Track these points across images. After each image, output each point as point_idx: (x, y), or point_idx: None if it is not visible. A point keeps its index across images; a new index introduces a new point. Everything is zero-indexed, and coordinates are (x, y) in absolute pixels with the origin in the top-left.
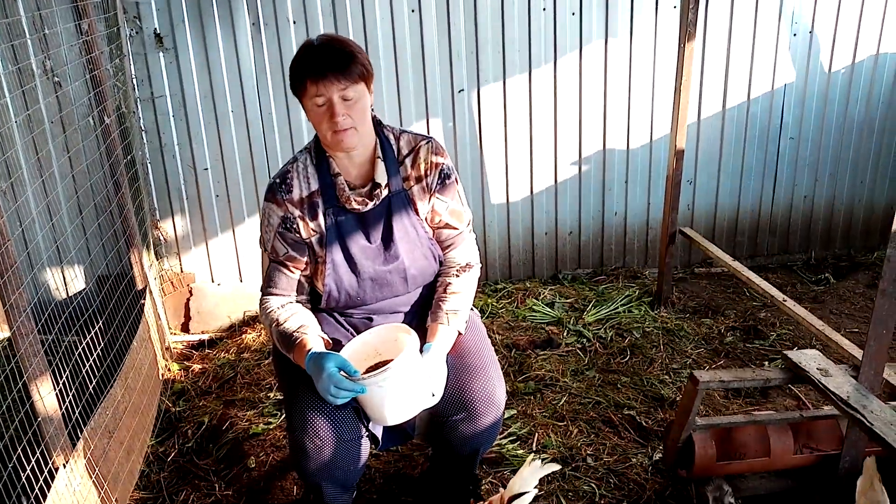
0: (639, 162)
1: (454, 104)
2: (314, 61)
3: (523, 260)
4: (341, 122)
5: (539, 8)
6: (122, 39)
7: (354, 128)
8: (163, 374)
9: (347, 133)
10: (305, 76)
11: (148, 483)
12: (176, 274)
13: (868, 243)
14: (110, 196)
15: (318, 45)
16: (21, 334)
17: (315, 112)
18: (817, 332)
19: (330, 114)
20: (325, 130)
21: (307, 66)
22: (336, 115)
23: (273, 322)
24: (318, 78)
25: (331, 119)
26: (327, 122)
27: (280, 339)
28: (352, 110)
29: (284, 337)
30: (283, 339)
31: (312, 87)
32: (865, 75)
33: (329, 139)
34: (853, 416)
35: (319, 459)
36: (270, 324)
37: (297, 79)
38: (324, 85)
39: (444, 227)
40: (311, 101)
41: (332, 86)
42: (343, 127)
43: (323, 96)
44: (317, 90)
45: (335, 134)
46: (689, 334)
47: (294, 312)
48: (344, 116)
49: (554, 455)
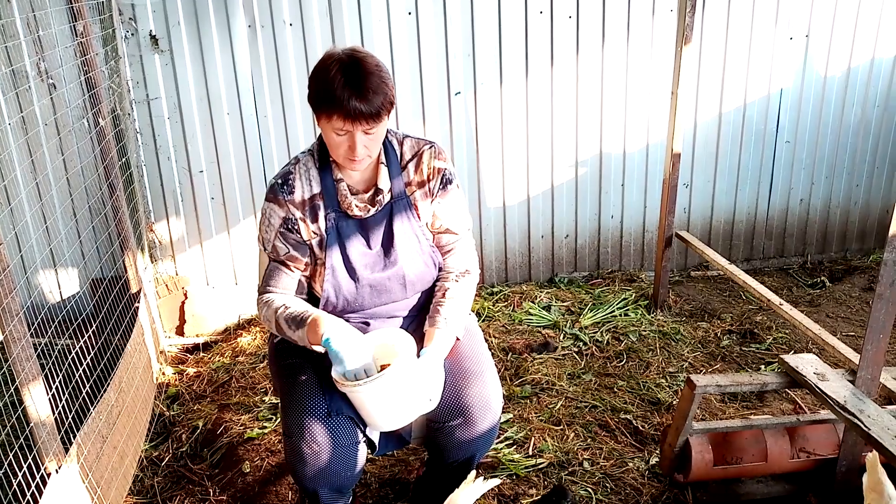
0: (635, 165)
1: (451, 107)
2: (347, 96)
3: (520, 263)
4: (360, 154)
5: (536, 11)
6: (118, 41)
7: (369, 156)
8: (157, 378)
9: (362, 161)
10: (335, 109)
11: (141, 488)
12: (171, 277)
13: (864, 246)
14: (105, 199)
15: (350, 73)
16: (13, 339)
17: (333, 137)
18: (814, 336)
19: (350, 145)
20: (340, 155)
21: (339, 99)
22: (356, 149)
23: (277, 308)
24: (349, 118)
25: (350, 150)
26: (345, 151)
27: (287, 321)
28: (371, 143)
29: (292, 319)
30: (292, 321)
31: (339, 122)
32: (861, 79)
33: (341, 161)
34: (850, 421)
35: (316, 465)
36: (275, 311)
37: (324, 105)
38: (352, 123)
39: (445, 231)
40: (331, 128)
41: (359, 125)
42: (360, 158)
43: (347, 131)
44: (343, 125)
45: (350, 161)
46: (685, 338)
47: (299, 301)
48: (363, 149)
49: (550, 459)
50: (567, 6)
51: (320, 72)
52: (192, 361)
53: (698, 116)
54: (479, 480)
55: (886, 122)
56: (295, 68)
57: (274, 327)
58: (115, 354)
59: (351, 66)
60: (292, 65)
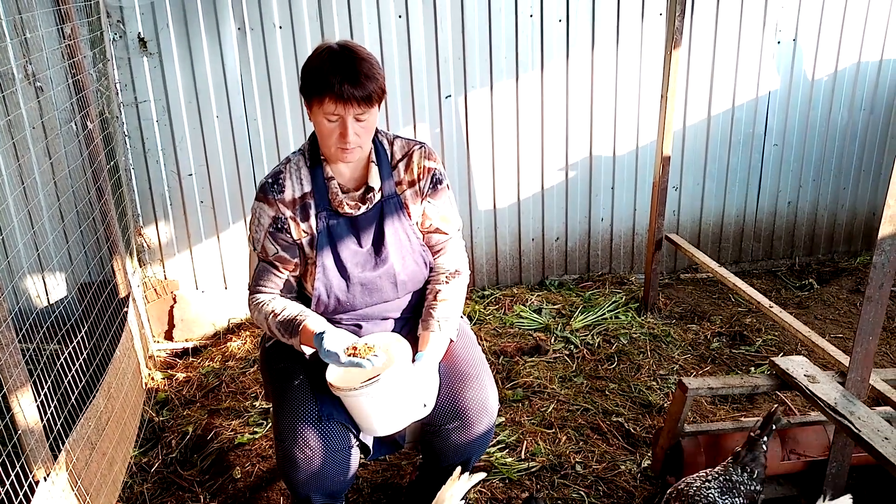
0: (625, 168)
1: (441, 110)
2: (339, 79)
3: (510, 266)
4: (352, 142)
5: (526, 14)
6: (106, 44)
7: (360, 146)
8: (146, 383)
9: (353, 151)
10: (327, 92)
11: (131, 495)
12: (160, 281)
13: (851, 248)
14: (93, 202)
15: (342, 59)
16: (0, 345)
17: (324, 125)
18: (803, 338)
19: (341, 132)
20: (332, 144)
21: (330, 82)
22: (347, 135)
23: (269, 314)
24: (340, 100)
25: (341, 137)
26: (336, 138)
27: (281, 327)
28: (362, 130)
29: (285, 324)
30: (285, 327)
31: (331, 105)
32: (848, 82)
33: (333, 152)
34: (841, 423)
35: (309, 470)
36: (266, 316)
37: (316, 89)
38: (343, 106)
39: (435, 231)
40: (322, 113)
41: (351, 108)
42: (351, 146)
43: (339, 116)
44: (335, 108)
45: (342, 150)
46: (675, 340)
47: (288, 303)
48: (354, 136)
49: (543, 463)
50: (557, 10)
51: (313, 60)
52: (182, 366)
53: (687, 119)
54: (465, 476)
55: (872, 125)
56: (284, 71)
57: (266, 330)
58: (104, 360)
59: (343, 53)
60: (282, 68)
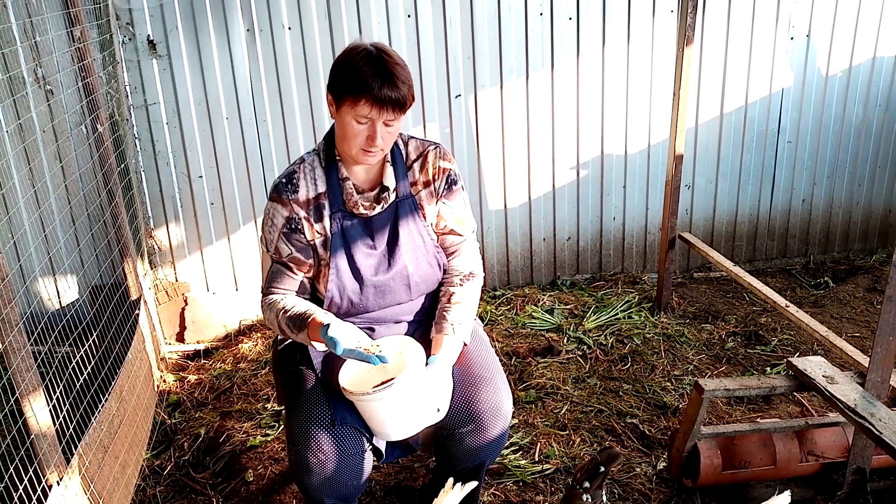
0: (637, 167)
1: (451, 109)
2: (379, 83)
3: (521, 266)
4: (378, 146)
5: (536, 13)
6: (115, 46)
7: (384, 149)
8: (158, 385)
9: (376, 154)
10: (364, 93)
11: (143, 498)
12: (171, 283)
13: (867, 246)
14: (104, 205)
15: (381, 63)
16: (13, 349)
17: (352, 126)
18: (820, 337)
19: (370, 135)
20: (355, 146)
21: (370, 84)
22: (375, 138)
23: (279, 311)
24: (377, 103)
25: (369, 140)
26: (362, 140)
27: (290, 323)
28: (388, 136)
29: (294, 319)
30: (294, 322)
31: (365, 108)
32: (862, 79)
33: (355, 153)
34: (861, 425)
35: (322, 474)
36: (277, 314)
37: (352, 89)
38: (378, 110)
39: (450, 233)
40: (354, 114)
41: (384, 113)
42: (376, 150)
43: (370, 119)
44: (369, 111)
45: (365, 153)
46: (689, 340)
47: (299, 300)
48: (381, 141)
49: (557, 465)
50: (567, 7)
51: (348, 59)
52: (193, 368)
53: (700, 117)
54: (458, 486)
55: (888, 122)
56: (294, 72)
57: (277, 329)
58: (116, 362)
59: (380, 58)
60: (291, 69)
